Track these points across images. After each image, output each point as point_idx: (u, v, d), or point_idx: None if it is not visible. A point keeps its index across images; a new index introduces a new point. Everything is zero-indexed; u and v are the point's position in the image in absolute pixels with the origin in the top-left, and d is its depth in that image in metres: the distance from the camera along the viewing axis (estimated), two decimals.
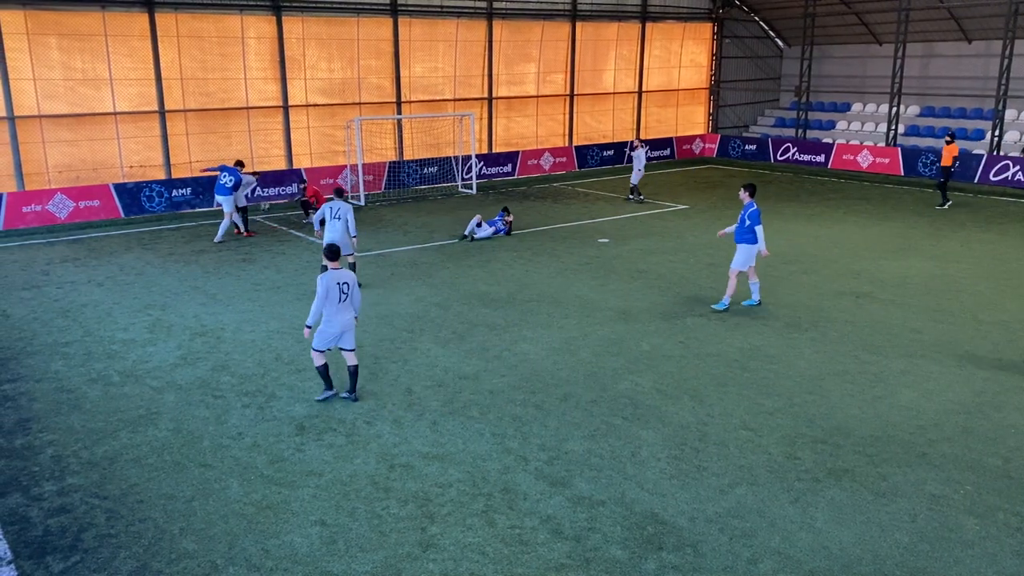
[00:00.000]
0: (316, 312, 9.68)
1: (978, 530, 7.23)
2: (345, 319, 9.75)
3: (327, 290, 9.52)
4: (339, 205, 14.24)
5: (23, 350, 11.94)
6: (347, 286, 9.66)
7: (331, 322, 9.71)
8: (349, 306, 9.79)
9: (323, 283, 9.54)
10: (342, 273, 9.69)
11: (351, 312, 9.84)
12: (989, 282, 15.18)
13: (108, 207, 21.64)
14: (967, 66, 30.46)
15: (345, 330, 9.79)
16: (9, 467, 8.47)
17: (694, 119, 36.30)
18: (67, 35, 21.10)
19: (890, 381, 10.56)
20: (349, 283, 9.69)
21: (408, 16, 26.46)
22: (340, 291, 9.61)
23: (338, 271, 9.68)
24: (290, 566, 6.77)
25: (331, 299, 9.59)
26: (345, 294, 9.66)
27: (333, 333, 9.77)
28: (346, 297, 9.68)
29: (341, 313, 9.71)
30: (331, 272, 9.64)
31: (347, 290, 9.67)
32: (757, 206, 13.26)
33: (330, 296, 9.56)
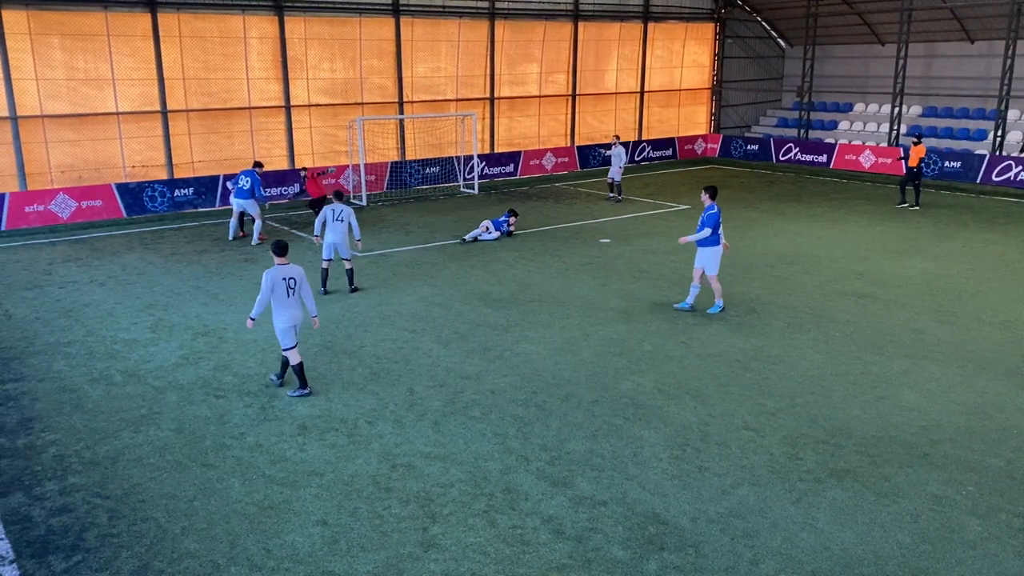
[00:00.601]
0: (260, 305, 9.87)
1: (980, 531, 7.22)
2: (294, 314, 9.95)
3: (272, 285, 9.74)
4: (340, 207, 14.32)
5: (25, 350, 11.96)
6: (293, 281, 9.88)
7: (280, 317, 9.91)
8: (297, 301, 9.99)
9: (268, 278, 9.76)
10: (289, 268, 9.90)
11: (300, 308, 10.04)
12: (992, 282, 15.16)
13: (110, 207, 21.67)
14: (970, 66, 30.43)
15: (296, 324, 10.02)
16: (11, 466, 8.48)
17: (696, 119, 36.28)
18: (70, 35, 21.13)
19: (892, 382, 10.55)
20: (296, 278, 9.90)
21: (410, 16, 26.47)
22: (287, 286, 9.82)
23: (285, 266, 9.88)
24: (292, 566, 6.77)
25: (278, 294, 9.79)
26: (292, 289, 9.86)
27: (287, 327, 9.97)
28: (293, 292, 9.88)
29: (289, 308, 9.90)
30: (277, 267, 9.86)
31: (294, 285, 9.88)
32: (718, 208, 13.05)
33: (276, 291, 9.77)
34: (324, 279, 14.71)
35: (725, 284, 15.08)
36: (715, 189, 13.34)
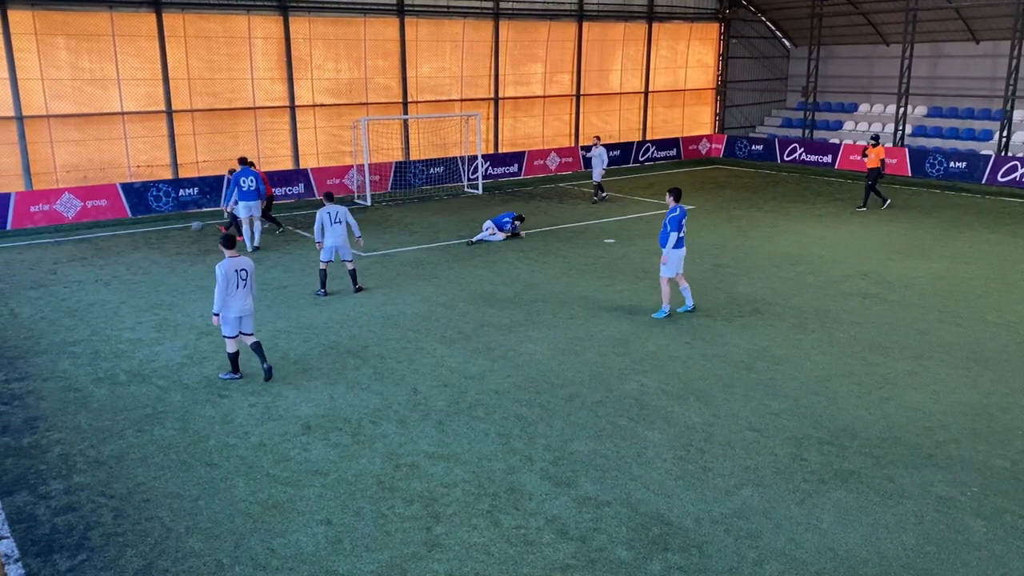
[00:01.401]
0: (220, 299, 10.21)
1: (985, 532, 7.20)
2: (244, 304, 10.34)
3: (226, 277, 10.10)
4: (335, 209, 14.24)
5: (31, 349, 11.99)
6: (245, 272, 10.25)
7: (230, 307, 10.27)
8: (248, 292, 10.36)
9: (222, 270, 10.12)
10: (240, 261, 10.27)
11: (250, 298, 10.41)
12: (997, 283, 15.12)
13: (115, 207, 21.72)
14: (975, 66, 30.36)
15: (244, 315, 10.38)
16: (17, 465, 8.51)
17: (701, 119, 36.25)
18: (75, 35, 21.18)
19: (897, 382, 10.52)
20: (247, 270, 10.28)
21: (415, 16, 26.48)
22: (239, 277, 10.20)
23: (236, 259, 10.25)
24: (296, 565, 6.78)
25: (230, 286, 10.17)
26: (243, 280, 10.25)
27: (235, 317, 10.33)
28: (244, 284, 10.27)
29: (240, 299, 10.29)
30: (229, 260, 10.20)
31: (245, 277, 10.26)
32: (683, 210, 12.82)
33: (229, 283, 10.14)
34: (323, 281, 14.64)
35: (729, 284, 15.07)
36: (679, 191, 12.98)
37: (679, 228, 12.71)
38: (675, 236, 12.68)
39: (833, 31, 33.57)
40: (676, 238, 12.70)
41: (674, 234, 12.68)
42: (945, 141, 30.18)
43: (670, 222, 12.75)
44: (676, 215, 12.75)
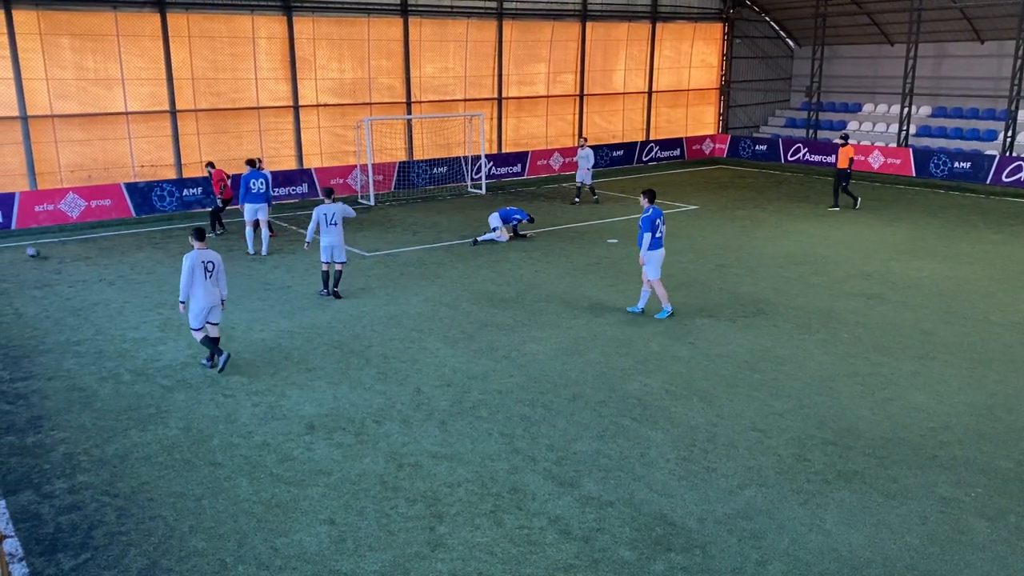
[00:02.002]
0: (185, 289, 10.57)
1: (989, 533, 7.19)
2: (211, 296, 10.65)
3: (192, 268, 10.46)
4: (331, 209, 14.19)
5: (35, 348, 12.02)
6: (212, 264, 10.60)
7: (197, 298, 10.60)
8: (215, 284, 10.70)
9: (188, 261, 10.47)
10: (207, 253, 10.61)
11: (217, 290, 10.73)
12: (1001, 283, 15.09)
13: (119, 206, 21.76)
14: (980, 66, 30.29)
15: (212, 306, 10.72)
16: (21, 464, 8.53)
17: (704, 119, 36.21)
18: (79, 35, 21.22)
19: (901, 383, 10.51)
20: (214, 262, 10.63)
21: (418, 16, 26.49)
22: (205, 269, 10.54)
23: (203, 251, 10.59)
24: (299, 565, 6.79)
25: (197, 277, 10.50)
26: (210, 272, 10.58)
27: (201, 308, 10.65)
28: (211, 275, 10.60)
29: (207, 290, 10.60)
30: (196, 252, 10.55)
31: (212, 268, 10.60)
32: (654, 211, 12.82)
33: (196, 274, 10.48)
34: (325, 281, 14.61)
35: (732, 284, 15.06)
36: (652, 193, 13.01)
37: (650, 228, 12.73)
38: (648, 237, 12.73)
39: (837, 31, 33.52)
40: (650, 239, 12.74)
41: (647, 235, 12.73)
42: (949, 141, 30.11)
43: (642, 223, 12.82)
44: (648, 215, 12.79)
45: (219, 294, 10.78)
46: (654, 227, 12.76)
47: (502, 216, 18.84)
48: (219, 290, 10.78)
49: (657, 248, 12.89)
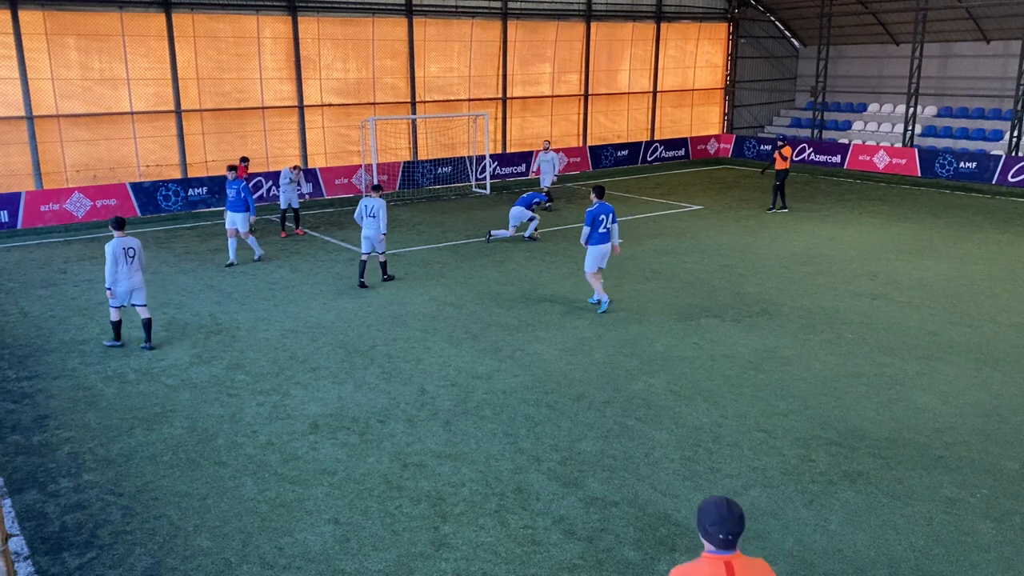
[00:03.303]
0: (110, 275, 11.31)
1: (994, 534, 7.16)
2: (133, 280, 11.49)
3: (114, 255, 11.26)
4: (373, 203, 14.87)
5: (41, 347, 12.05)
6: (132, 251, 11.41)
7: (119, 283, 11.39)
8: (138, 268, 11.51)
9: (110, 249, 11.28)
10: (127, 240, 11.40)
11: (139, 274, 11.54)
12: (1007, 284, 15.04)
13: (125, 206, 21.80)
14: (985, 66, 30.20)
15: (134, 289, 11.55)
16: (27, 463, 8.55)
17: (709, 119, 36.17)
18: (85, 35, 21.27)
19: (906, 383, 10.48)
20: (135, 248, 11.44)
21: (423, 16, 26.51)
22: (126, 255, 11.35)
23: (124, 239, 11.39)
24: (303, 564, 6.79)
25: (119, 263, 11.30)
26: (131, 258, 11.40)
27: (123, 291, 11.47)
28: (132, 260, 11.41)
29: (129, 275, 11.42)
30: (117, 239, 11.36)
31: (132, 254, 11.41)
32: (602, 206, 13.06)
33: (118, 260, 11.28)
34: (361, 271, 15.21)
35: (737, 284, 15.04)
36: (601, 189, 13.38)
37: (589, 223, 13.04)
38: (587, 231, 13.07)
39: (842, 30, 33.45)
40: (588, 232, 13.06)
41: (586, 228, 13.07)
42: (955, 141, 30.04)
43: (586, 216, 13.14)
44: (591, 210, 13.10)
45: (142, 277, 11.66)
46: (595, 222, 13.06)
47: (524, 202, 18.70)
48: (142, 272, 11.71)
49: (599, 243, 13.16)
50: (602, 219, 13.05)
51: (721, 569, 3.73)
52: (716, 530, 3.73)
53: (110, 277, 11.33)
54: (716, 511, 3.74)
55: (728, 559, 3.76)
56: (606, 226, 13.12)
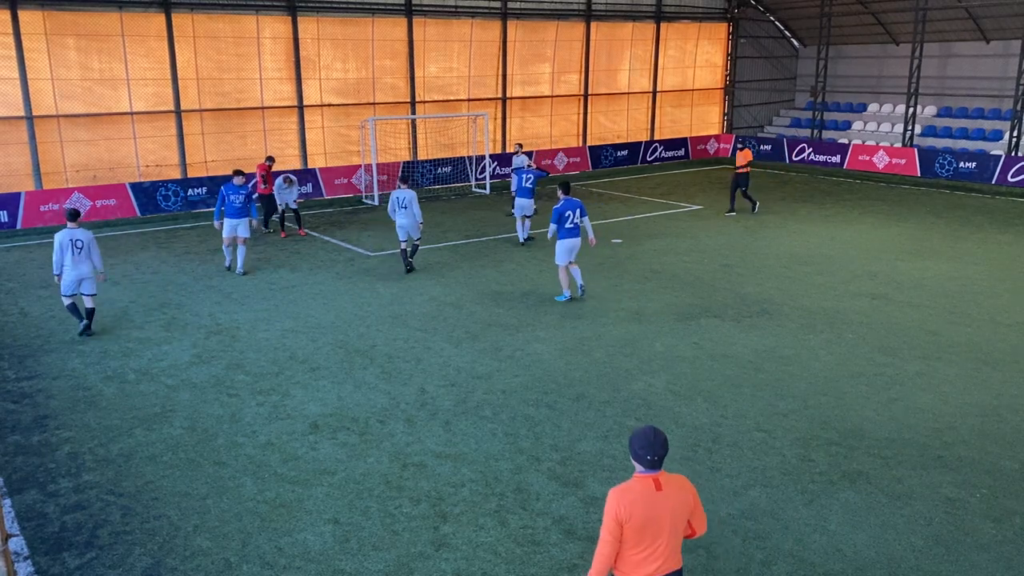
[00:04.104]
0: (57, 264, 11.85)
1: (994, 534, 7.16)
2: (81, 270, 11.88)
3: (60, 245, 11.74)
4: (404, 194, 15.59)
5: (40, 347, 12.05)
6: (80, 242, 11.79)
7: (68, 272, 11.83)
8: (85, 259, 11.90)
9: (57, 240, 11.76)
10: (76, 232, 11.78)
11: (88, 265, 11.93)
12: (1007, 284, 15.05)
13: (124, 206, 21.81)
14: (985, 66, 30.21)
15: (83, 278, 11.96)
16: (26, 463, 8.55)
17: (709, 119, 36.18)
18: (84, 35, 21.28)
19: (906, 383, 10.48)
20: (83, 240, 11.81)
21: (423, 16, 26.51)
22: (73, 247, 11.76)
23: (72, 230, 11.78)
24: (303, 564, 6.79)
25: (66, 253, 11.75)
26: (79, 249, 11.79)
27: (71, 280, 11.92)
28: (79, 252, 11.81)
29: (77, 265, 11.83)
30: (65, 231, 11.80)
31: (80, 246, 11.79)
32: (568, 202, 13.54)
33: (63, 250, 11.73)
34: (404, 259, 16.09)
35: (737, 284, 15.04)
36: (567, 185, 13.96)
37: (556, 220, 13.56)
38: (554, 227, 13.64)
39: (842, 30, 33.46)
40: (556, 228, 13.62)
41: (553, 225, 13.63)
42: (955, 141, 30.05)
43: (552, 214, 13.66)
44: (557, 207, 13.61)
45: (91, 268, 11.99)
46: (562, 218, 13.55)
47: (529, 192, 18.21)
48: (92, 264, 12.00)
49: (567, 237, 13.66)
50: (568, 215, 13.55)
51: (650, 484, 4.53)
52: (644, 452, 4.50)
53: (57, 266, 11.87)
54: (644, 438, 4.51)
55: (655, 476, 4.55)
56: (573, 221, 13.61)
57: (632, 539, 4.51)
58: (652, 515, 4.49)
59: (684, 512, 4.60)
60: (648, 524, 4.49)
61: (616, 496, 4.52)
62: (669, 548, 4.57)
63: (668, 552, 4.57)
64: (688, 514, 4.64)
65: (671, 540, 4.57)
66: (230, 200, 15.64)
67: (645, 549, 4.53)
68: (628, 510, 4.47)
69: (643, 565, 4.55)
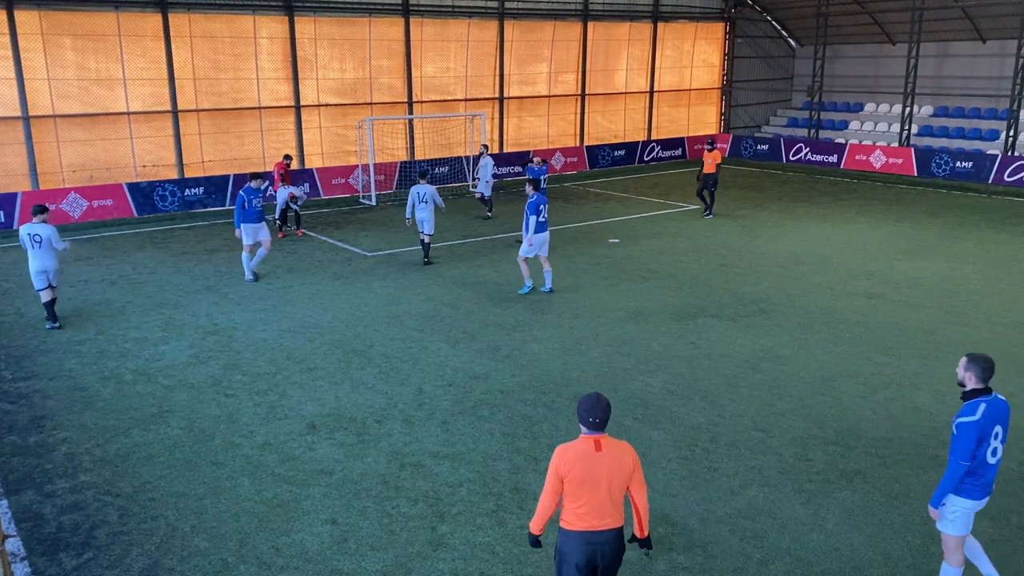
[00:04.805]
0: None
1: (991, 533, 7.18)
2: (44, 263, 12.35)
3: (21, 240, 12.35)
4: (424, 189, 16.14)
5: (37, 348, 12.03)
6: (39, 236, 12.26)
7: (32, 264, 12.37)
8: (46, 252, 12.32)
9: (21, 233, 12.41)
10: (35, 227, 12.30)
11: (50, 257, 12.38)
12: (1003, 283, 15.07)
13: (121, 206, 21.78)
14: (981, 66, 30.27)
15: (43, 270, 12.41)
16: (23, 464, 8.53)
17: (706, 119, 36.20)
18: (81, 35, 21.24)
19: (903, 383, 10.50)
20: (40, 235, 12.25)
21: (420, 16, 26.50)
22: (32, 240, 12.26)
23: (32, 224, 12.34)
24: (301, 564, 6.79)
25: (25, 246, 12.32)
26: (37, 242, 12.27)
27: (33, 271, 12.41)
28: (38, 245, 12.27)
29: (39, 258, 12.34)
30: (26, 225, 12.41)
31: (39, 240, 12.26)
32: (540, 197, 14.00)
33: (24, 244, 12.31)
34: (426, 250, 16.72)
35: (734, 284, 15.06)
36: (537, 181, 14.52)
37: (535, 212, 13.86)
38: (533, 220, 13.84)
39: (839, 30, 33.50)
40: (535, 222, 13.85)
41: (533, 218, 13.84)
42: (951, 141, 30.10)
43: (527, 209, 13.98)
44: (532, 202, 13.92)
45: (55, 261, 12.46)
46: (538, 211, 13.90)
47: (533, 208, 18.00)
48: (54, 257, 12.42)
49: (542, 231, 14.03)
50: (542, 208, 13.97)
51: (591, 444, 4.99)
52: (587, 415, 4.97)
53: None
54: (588, 401, 4.99)
55: (597, 438, 5.01)
56: (545, 215, 14.06)
57: (572, 492, 4.99)
58: (590, 472, 4.94)
59: (622, 474, 5.01)
60: (586, 480, 4.95)
61: (559, 452, 5.03)
62: (610, 505, 5.01)
63: (608, 509, 5.01)
64: (627, 478, 5.04)
65: (610, 498, 5.00)
66: (251, 204, 15.08)
67: (585, 504, 4.99)
68: (568, 465, 4.95)
69: (584, 518, 5.01)
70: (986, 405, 5.71)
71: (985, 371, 5.72)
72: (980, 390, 5.75)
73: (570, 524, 5.07)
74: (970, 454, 5.64)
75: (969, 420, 5.65)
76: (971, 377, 5.78)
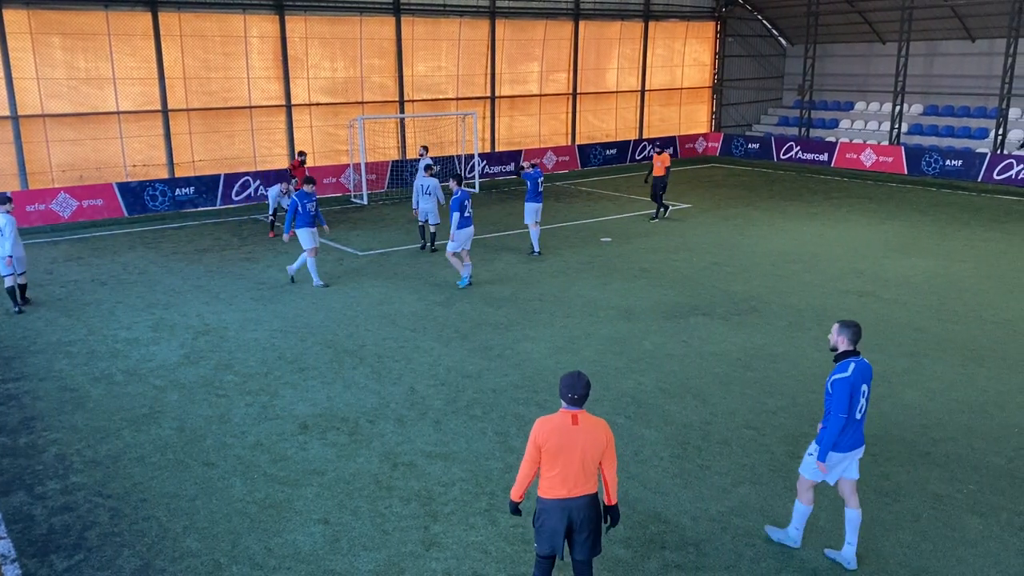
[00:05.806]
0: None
1: (981, 530, 7.22)
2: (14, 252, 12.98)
3: None
4: (428, 182, 17.11)
5: (27, 349, 11.97)
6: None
7: None
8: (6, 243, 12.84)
9: None
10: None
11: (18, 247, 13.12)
12: (993, 281, 15.15)
13: (111, 206, 21.68)
14: (971, 64, 30.41)
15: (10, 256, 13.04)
16: (13, 465, 8.49)
17: (697, 118, 36.27)
18: (70, 34, 21.13)
19: (893, 380, 10.54)
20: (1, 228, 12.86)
21: (411, 15, 26.46)
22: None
23: None
24: (293, 564, 6.78)
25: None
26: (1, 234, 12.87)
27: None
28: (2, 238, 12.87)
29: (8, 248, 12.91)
30: None
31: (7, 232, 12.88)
32: (464, 193, 14.54)
33: None
34: (423, 234, 17.74)
35: (725, 282, 15.09)
36: (460, 177, 14.99)
37: (458, 209, 14.34)
38: (457, 216, 14.30)
39: (829, 29, 33.60)
40: (458, 218, 14.31)
41: (456, 214, 14.30)
42: (941, 139, 30.23)
43: (451, 205, 14.42)
44: (456, 197, 14.44)
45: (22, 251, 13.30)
46: (462, 207, 14.41)
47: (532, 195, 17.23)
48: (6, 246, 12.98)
49: (466, 226, 14.53)
50: (466, 204, 14.52)
51: (568, 418, 5.42)
52: (567, 391, 5.41)
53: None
54: (569, 379, 5.45)
55: (575, 413, 5.44)
56: (469, 210, 14.60)
57: (548, 462, 5.43)
58: (566, 444, 5.38)
59: (595, 448, 5.43)
60: (562, 451, 5.38)
61: (539, 424, 5.47)
62: (584, 475, 5.43)
63: (581, 479, 5.43)
64: (600, 452, 5.45)
65: (584, 469, 5.42)
66: (304, 208, 14.73)
67: (560, 473, 5.41)
68: (545, 436, 5.40)
69: (559, 486, 5.44)
70: (855, 364, 6.31)
71: (855, 335, 6.36)
72: (850, 352, 6.39)
73: (546, 493, 5.49)
74: (847, 407, 6.25)
75: (843, 376, 6.27)
76: (843, 340, 6.38)
